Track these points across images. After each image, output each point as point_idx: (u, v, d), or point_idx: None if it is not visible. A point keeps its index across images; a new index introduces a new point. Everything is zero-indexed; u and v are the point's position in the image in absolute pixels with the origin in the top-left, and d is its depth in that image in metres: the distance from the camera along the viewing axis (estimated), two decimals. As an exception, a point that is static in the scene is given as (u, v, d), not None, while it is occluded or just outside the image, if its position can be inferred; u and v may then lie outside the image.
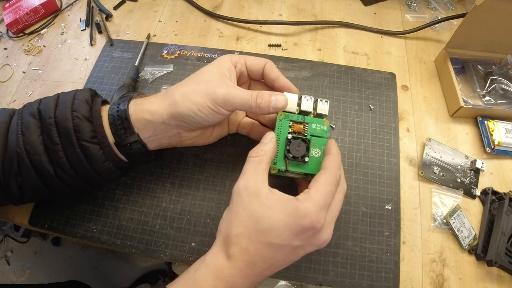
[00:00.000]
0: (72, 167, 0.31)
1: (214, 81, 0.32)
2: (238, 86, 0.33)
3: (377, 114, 0.43)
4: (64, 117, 0.31)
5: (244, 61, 0.35)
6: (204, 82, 0.32)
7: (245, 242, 0.26)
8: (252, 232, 0.26)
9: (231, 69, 0.34)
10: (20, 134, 0.31)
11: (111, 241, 0.36)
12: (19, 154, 0.30)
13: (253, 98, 0.31)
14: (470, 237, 0.36)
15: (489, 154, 0.41)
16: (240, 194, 0.27)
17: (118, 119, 0.31)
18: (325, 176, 0.28)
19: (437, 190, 0.39)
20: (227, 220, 0.28)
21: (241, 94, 0.31)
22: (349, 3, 0.55)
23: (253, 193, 0.27)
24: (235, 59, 0.34)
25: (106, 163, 0.32)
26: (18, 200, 0.33)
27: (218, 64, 0.33)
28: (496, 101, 0.44)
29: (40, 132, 0.31)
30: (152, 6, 0.55)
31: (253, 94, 0.31)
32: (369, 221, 0.37)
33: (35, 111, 0.32)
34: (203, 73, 0.33)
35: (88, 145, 0.31)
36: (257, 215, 0.26)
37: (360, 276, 0.34)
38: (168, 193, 0.38)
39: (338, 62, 0.48)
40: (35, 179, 0.31)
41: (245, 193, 0.27)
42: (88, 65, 0.49)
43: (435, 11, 0.55)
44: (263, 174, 0.29)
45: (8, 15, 0.52)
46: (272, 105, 0.32)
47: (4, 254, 0.97)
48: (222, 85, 0.32)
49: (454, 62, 0.45)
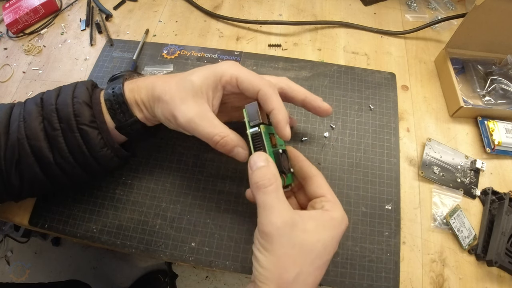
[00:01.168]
0: (71, 153, 0.31)
1: (190, 97, 0.30)
2: (210, 113, 0.31)
3: (377, 114, 0.43)
4: (65, 103, 0.32)
5: (237, 84, 0.31)
6: (181, 93, 0.30)
7: (306, 278, 0.25)
8: (309, 264, 0.25)
9: (216, 90, 0.31)
10: (22, 121, 0.31)
11: (111, 241, 0.36)
12: (20, 140, 0.31)
13: (214, 141, 0.30)
14: (470, 237, 0.36)
15: (489, 154, 0.41)
16: (282, 233, 0.25)
17: (115, 103, 0.32)
18: (322, 179, 0.31)
19: (437, 190, 0.39)
20: (274, 267, 0.25)
21: (201, 129, 0.30)
22: (349, 3, 0.55)
23: (292, 225, 0.25)
24: (226, 79, 0.31)
25: (104, 150, 0.32)
26: (17, 193, 0.33)
27: (207, 78, 0.31)
28: (496, 101, 0.44)
29: (41, 119, 0.31)
30: (152, 6, 0.55)
31: (214, 138, 0.30)
32: (369, 221, 0.37)
33: (38, 100, 0.33)
34: (188, 80, 0.31)
35: (87, 129, 0.31)
36: (307, 244, 0.25)
37: (360, 276, 0.34)
38: (168, 193, 0.38)
39: (338, 62, 0.48)
40: (34, 166, 0.31)
41: (286, 229, 0.25)
42: (88, 65, 0.49)
43: (435, 11, 0.55)
44: (285, 200, 0.27)
45: (8, 15, 0.52)
46: (233, 155, 0.31)
47: (4, 254, 0.97)
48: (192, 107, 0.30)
49: (454, 62, 0.45)
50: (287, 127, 0.30)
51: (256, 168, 0.27)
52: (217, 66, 0.32)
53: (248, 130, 0.30)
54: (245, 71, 0.31)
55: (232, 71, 0.31)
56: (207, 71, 0.31)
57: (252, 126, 0.30)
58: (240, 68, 0.31)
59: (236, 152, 0.31)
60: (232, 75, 0.31)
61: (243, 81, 0.30)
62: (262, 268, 0.25)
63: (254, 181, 0.27)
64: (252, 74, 0.31)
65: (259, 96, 0.30)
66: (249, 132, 0.30)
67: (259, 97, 0.30)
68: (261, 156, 0.28)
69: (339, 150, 0.41)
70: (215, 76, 0.31)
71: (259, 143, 0.29)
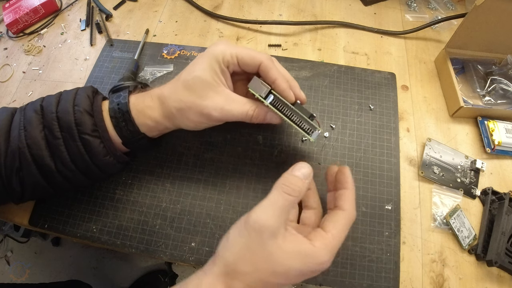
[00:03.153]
0: (73, 162, 0.31)
1: (208, 91, 0.31)
2: (233, 94, 0.32)
3: (377, 114, 0.43)
4: (66, 111, 0.31)
5: (237, 61, 0.32)
6: (197, 93, 0.31)
7: (253, 281, 0.25)
8: (264, 274, 0.25)
9: (224, 72, 0.32)
10: (23, 130, 0.31)
11: (111, 241, 0.36)
12: (21, 149, 0.30)
13: (249, 116, 0.32)
14: (470, 237, 0.36)
15: (489, 154, 0.41)
16: (261, 232, 0.25)
17: (122, 120, 0.32)
18: (343, 219, 0.28)
19: (437, 190, 0.39)
20: (236, 251, 0.26)
21: (235, 111, 0.32)
22: (349, 3, 0.55)
23: (273, 234, 0.25)
24: (227, 59, 0.32)
25: (107, 157, 0.32)
26: (19, 198, 0.33)
27: (211, 66, 0.31)
28: (496, 101, 0.44)
29: (42, 127, 0.31)
30: (152, 6, 0.55)
31: (248, 113, 0.32)
32: (369, 221, 0.37)
33: (38, 107, 0.32)
34: (195, 77, 0.31)
35: (89, 139, 0.31)
36: (274, 259, 0.25)
37: (360, 276, 0.34)
38: (168, 193, 0.38)
39: (338, 62, 0.48)
40: (36, 174, 0.31)
41: (266, 233, 0.25)
42: (88, 65, 0.49)
43: (435, 11, 0.55)
44: (287, 214, 0.26)
45: (8, 15, 0.52)
46: (267, 121, 0.33)
47: (4, 254, 0.97)
48: (217, 98, 0.31)
49: (454, 62, 0.45)
50: (291, 92, 0.32)
51: (299, 174, 0.27)
52: (213, 50, 0.32)
53: (265, 102, 0.32)
54: (242, 49, 0.32)
55: (230, 50, 0.32)
56: (207, 60, 0.32)
57: (265, 97, 0.32)
58: (236, 47, 0.32)
59: (269, 118, 0.33)
60: (232, 54, 0.32)
61: (243, 58, 0.32)
62: (225, 245, 0.26)
63: (285, 182, 0.27)
64: (250, 50, 0.32)
65: (260, 68, 0.32)
66: (268, 103, 0.32)
67: (260, 70, 0.32)
68: (308, 168, 0.28)
69: (339, 150, 0.41)
70: (217, 60, 0.31)
71: (281, 106, 0.32)
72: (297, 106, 0.33)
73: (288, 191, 0.26)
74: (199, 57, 0.33)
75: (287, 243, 0.25)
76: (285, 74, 0.34)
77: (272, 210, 0.26)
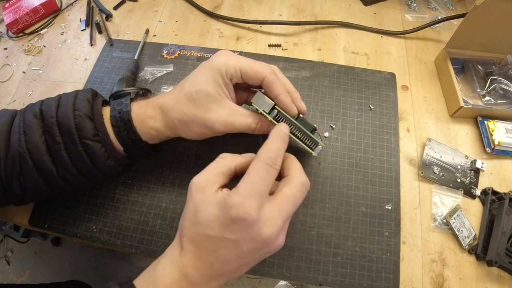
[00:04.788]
0: (74, 166, 0.31)
1: (211, 104, 0.31)
2: (236, 107, 0.33)
3: (377, 114, 0.43)
4: (66, 116, 0.31)
5: (240, 74, 0.32)
6: (201, 106, 0.31)
7: (189, 233, 0.27)
8: (192, 224, 0.27)
9: (227, 85, 0.32)
10: (23, 134, 0.31)
11: (111, 241, 0.36)
12: (21, 154, 0.30)
13: (251, 129, 0.33)
14: (470, 237, 0.36)
15: (489, 154, 0.41)
16: (191, 188, 0.28)
17: (124, 129, 0.32)
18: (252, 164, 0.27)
19: (437, 190, 0.39)
20: (183, 212, 0.29)
21: (238, 124, 0.32)
22: (349, 3, 0.55)
23: (201, 189, 0.27)
24: (231, 72, 0.31)
25: (109, 161, 0.32)
26: (19, 200, 0.33)
27: (214, 78, 0.31)
28: (496, 101, 0.44)
29: (42, 132, 0.31)
30: (152, 6, 0.55)
31: (251, 126, 0.32)
32: (369, 221, 0.37)
33: (37, 111, 0.32)
34: (199, 90, 0.31)
35: (90, 143, 0.31)
36: (197, 208, 0.27)
37: (360, 276, 0.34)
38: (168, 193, 0.38)
39: (338, 62, 0.48)
40: (37, 178, 0.31)
41: (195, 188, 0.27)
42: (88, 65, 0.49)
43: (435, 11, 0.55)
44: (222, 176, 0.28)
45: (8, 15, 0.52)
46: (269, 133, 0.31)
47: (4, 254, 0.97)
48: (220, 111, 0.32)
49: (454, 62, 0.45)
50: (293, 106, 0.32)
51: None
52: (217, 63, 0.32)
53: (269, 117, 0.32)
54: (245, 61, 0.32)
55: (234, 63, 0.31)
56: (210, 72, 0.31)
57: (269, 112, 0.32)
58: (239, 58, 0.32)
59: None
60: (236, 67, 0.31)
61: (247, 72, 0.32)
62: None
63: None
64: (253, 62, 0.32)
65: (264, 83, 0.32)
66: (271, 118, 0.32)
67: (263, 84, 0.32)
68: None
69: (339, 150, 0.41)
70: (220, 73, 0.31)
71: (284, 121, 0.32)
72: (299, 121, 0.33)
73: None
74: (201, 67, 0.33)
75: (211, 197, 0.26)
76: (287, 85, 0.34)
77: (205, 172, 0.28)
